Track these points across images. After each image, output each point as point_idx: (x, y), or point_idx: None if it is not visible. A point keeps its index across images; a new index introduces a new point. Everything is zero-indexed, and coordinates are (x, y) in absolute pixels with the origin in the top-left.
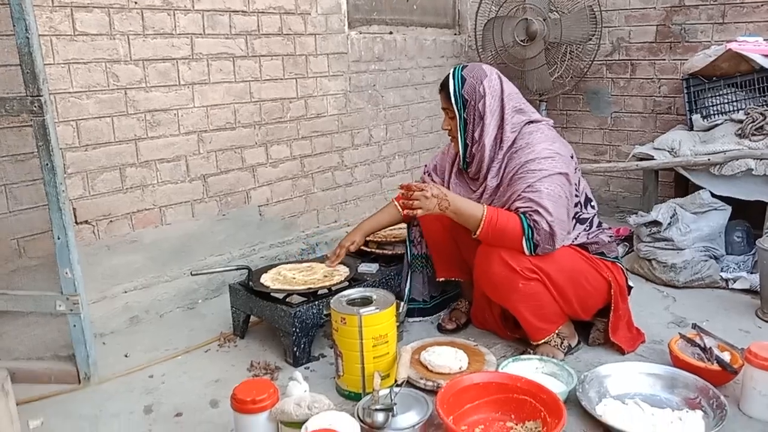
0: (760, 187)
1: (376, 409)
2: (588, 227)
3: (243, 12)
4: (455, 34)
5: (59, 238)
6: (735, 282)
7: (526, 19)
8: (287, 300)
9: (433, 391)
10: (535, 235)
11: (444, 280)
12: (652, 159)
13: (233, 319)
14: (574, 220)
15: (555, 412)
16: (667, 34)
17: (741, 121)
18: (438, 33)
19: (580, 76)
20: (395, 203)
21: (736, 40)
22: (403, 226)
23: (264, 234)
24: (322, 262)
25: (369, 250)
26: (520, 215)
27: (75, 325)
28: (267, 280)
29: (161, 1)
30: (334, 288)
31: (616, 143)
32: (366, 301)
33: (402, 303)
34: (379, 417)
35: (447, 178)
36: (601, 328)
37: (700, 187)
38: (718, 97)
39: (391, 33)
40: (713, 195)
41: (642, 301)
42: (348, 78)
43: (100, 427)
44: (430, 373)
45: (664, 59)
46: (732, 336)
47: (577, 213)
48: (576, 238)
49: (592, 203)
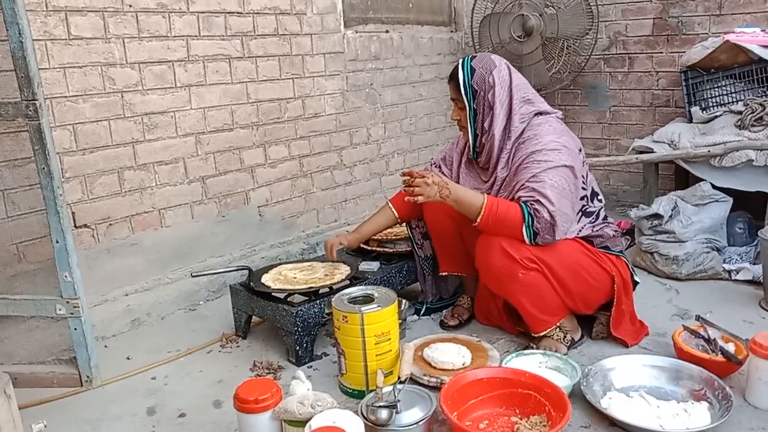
0: (761, 178)
1: (380, 406)
2: (593, 220)
3: (238, 13)
4: (452, 32)
5: (58, 242)
6: (738, 273)
7: (523, 14)
8: (289, 299)
9: (436, 388)
10: (536, 222)
11: (447, 274)
12: (651, 152)
13: (235, 320)
14: (580, 213)
15: (560, 406)
16: (664, 27)
17: (740, 113)
18: (434, 31)
19: (578, 71)
20: (389, 205)
21: (733, 32)
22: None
23: (264, 234)
24: (322, 262)
25: (370, 248)
26: (521, 204)
27: (76, 329)
28: (268, 280)
29: (156, 4)
30: (335, 287)
31: (615, 137)
32: (367, 299)
33: (404, 301)
34: (383, 414)
35: (456, 168)
36: (604, 322)
37: (700, 180)
38: (716, 88)
39: (387, 31)
40: (714, 187)
41: (645, 294)
42: (345, 77)
43: (103, 430)
44: (433, 369)
45: (662, 52)
46: (736, 327)
47: (583, 206)
48: (580, 231)
49: (599, 197)
